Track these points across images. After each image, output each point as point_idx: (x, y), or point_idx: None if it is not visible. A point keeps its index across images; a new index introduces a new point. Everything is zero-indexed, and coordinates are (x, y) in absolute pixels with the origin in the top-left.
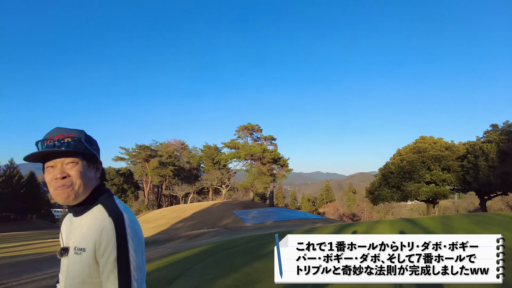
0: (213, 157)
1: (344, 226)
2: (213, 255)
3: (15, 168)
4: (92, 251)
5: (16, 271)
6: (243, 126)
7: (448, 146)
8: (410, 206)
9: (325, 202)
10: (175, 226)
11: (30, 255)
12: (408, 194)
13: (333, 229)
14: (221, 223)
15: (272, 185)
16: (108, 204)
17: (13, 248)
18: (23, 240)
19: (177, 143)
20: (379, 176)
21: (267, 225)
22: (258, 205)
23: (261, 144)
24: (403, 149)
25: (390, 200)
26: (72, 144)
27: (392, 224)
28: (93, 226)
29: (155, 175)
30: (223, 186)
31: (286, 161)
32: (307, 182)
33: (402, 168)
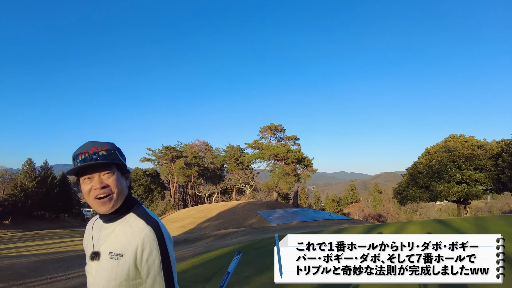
0: (236, 158)
1: (373, 226)
2: (245, 254)
3: (49, 169)
4: (132, 257)
5: (62, 266)
6: (266, 127)
7: (480, 144)
8: (439, 207)
9: (350, 202)
10: (202, 226)
11: (71, 251)
12: (438, 194)
13: (362, 229)
14: (246, 223)
15: (296, 185)
16: (140, 212)
17: (51, 245)
18: (59, 238)
19: (201, 144)
20: (407, 176)
21: (293, 225)
22: (283, 205)
23: (284, 144)
24: (431, 148)
25: (419, 200)
26: (108, 156)
27: (422, 225)
28: (132, 234)
29: (181, 175)
30: (247, 186)
31: (311, 161)
32: (331, 182)
33: (431, 168)
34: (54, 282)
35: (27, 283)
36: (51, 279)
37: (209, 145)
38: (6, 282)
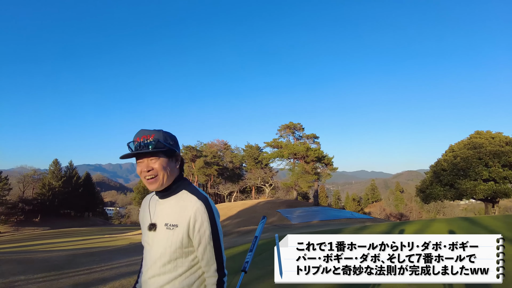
0: (255, 157)
1: (397, 224)
2: (269, 250)
3: (74, 169)
4: (185, 227)
5: (94, 259)
6: (285, 125)
7: (509, 141)
8: (464, 206)
9: (370, 201)
10: (223, 223)
11: (100, 247)
12: (463, 192)
13: (385, 227)
14: (267, 221)
15: (316, 184)
16: (192, 190)
17: (80, 241)
18: (86, 235)
19: (220, 144)
20: (430, 174)
21: (314, 223)
22: (302, 204)
23: (304, 142)
24: (456, 145)
25: (443, 198)
26: (153, 143)
27: (448, 222)
28: (185, 207)
29: (201, 174)
30: (266, 185)
31: (331, 159)
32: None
33: (455, 165)
34: (91, 273)
35: (66, 273)
36: (87, 271)
37: (228, 145)
38: (47, 272)
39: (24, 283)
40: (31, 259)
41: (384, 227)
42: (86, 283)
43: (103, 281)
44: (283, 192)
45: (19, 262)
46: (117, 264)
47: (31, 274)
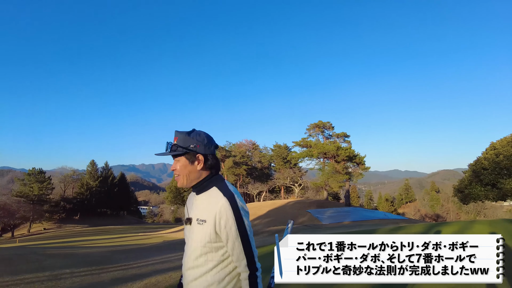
0: (283, 156)
1: (433, 225)
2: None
3: (109, 169)
4: (212, 223)
5: (130, 256)
6: (314, 124)
7: None
8: (508, 208)
9: (404, 202)
10: (253, 223)
11: (135, 245)
12: (507, 192)
13: (421, 228)
14: (297, 221)
15: (347, 184)
16: (221, 187)
17: (116, 239)
18: (121, 233)
19: (248, 144)
20: (469, 173)
21: (346, 224)
22: (333, 204)
23: (334, 141)
24: (498, 143)
25: (484, 199)
26: (174, 147)
27: (491, 224)
28: (212, 203)
29: (230, 174)
30: (296, 185)
31: (363, 158)
32: (384, 181)
33: (498, 164)
34: (128, 269)
35: (105, 268)
36: (124, 266)
37: (256, 145)
38: (89, 267)
39: (69, 276)
40: (74, 254)
41: (420, 228)
42: (124, 278)
43: (140, 276)
44: (313, 192)
45: (63, 256)
46: (152, 261)
47: (74, 268)
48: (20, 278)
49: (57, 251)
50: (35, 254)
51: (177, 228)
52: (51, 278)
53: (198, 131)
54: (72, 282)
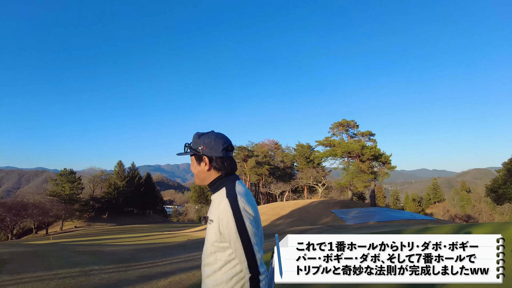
0: (306, 156)
1: (464, 226)
2: None
3: (136, 170)
4: (216, 223)
5: (156, 254)
6: (338, 123)
7: None
8: None
9: (432, 202)
10: (275, 223)
11: (161, 243)
12: None
13: (450, 229)
14: (320, 221)
15: (373, 183)
16: (229, 187)
17: (142, 237)
18: (147, 232)
19: (271, 143)
20: (504, 172)
21: (371, 225)
22: (358, 204)
23: (358, 140)
24: None
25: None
26: (186, 148)
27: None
28: (217, 204)
29: (253, 174)
30: (319, 185)
31: (388, 157)
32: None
33: None
34: (153, 267)
35: (131, 265)
36: (150, 264)
37: (279, 144)
38: (116, 264)
39: (98, 272)
40: (102, 252)
41: (450, 229)
42: (149, 276)
43: (165, 274)
44: (337, 192)
45: (92, 253)
46: (177, 259)
47: (103, 265)
48: (54, 273)
49: (87, 248)
50: (67, 250)
51: (201, 227)
52: (81, 274)
53: (209, 133)
54: (100, 279)
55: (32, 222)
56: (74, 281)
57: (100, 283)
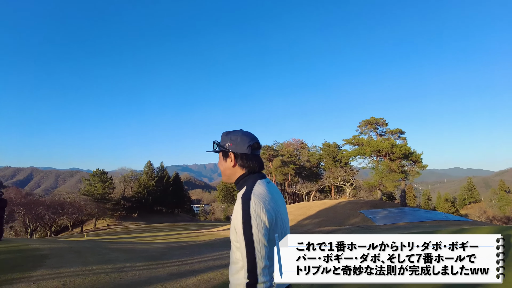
0: (333, 155)
1: (504, 229)
2: None
3: (164, 169)
4: (233, 222)
5: (185, 253)
6: (366, 121)
7: None
8: None
9: (467, 202)
10: (302, 223)
11: (189, 241)
12: None
13: (488, 231)
14: (348, 222)
15: (403, 183)
16: (247, 187)
17: (171, 235)
18: (176, 230)
19: (296, 143)
20: None
21: (402, 225)
22: (387, 204)
23: (388, 138)
24: None
25: None
26: (215, 146)
27: None
28: (235, 204)
29: (278, 173)
30: (347, 185)
31: (419, 156)
32: (443, 179)
33: None
34: (182, 265)
35: (161, 263)
36: (179, 262)
37: (304, 143)
38: (146, 261)
39: (129, 269)
40: (133, 250)
41: (487, 231)
42: (179, 274)
43: (194, 272)
44: (366, 192)
45: (124, 251)
46: (205, 258)
47: (134, 262)
48: (89, 269)
49: (119, 246)
50: (100, 248)
51: (228, 226)
52: (114, 270)
53: (237, 131)
54: (132, 276)
55: (68, 219)
56: (107, 277)
57: (132, 279)
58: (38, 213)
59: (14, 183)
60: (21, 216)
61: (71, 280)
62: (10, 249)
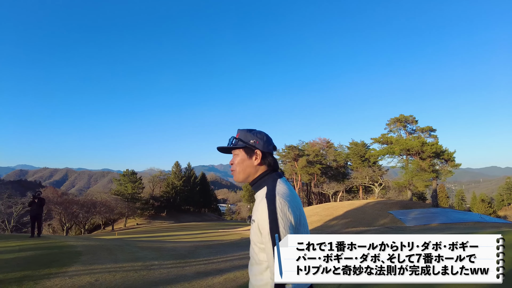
0: (361, 154)
1: None
2: None
3: (191, 170)
4: (257, 223)
5: (212, 252)
6: (395, 119)
7: None
8: None
9: (506, 203)
10: (329, 223)
11: (216, 241)
12: None
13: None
14: (377, 222)
15: (435, 182)
16: (270, 186)
17: (199, 234)
18: (203, 229)
19: (322, 142)
20: None
21: (434, 226)
22: (418, 205)
23: (418, 136)
24: None
25: None
26: (234, 142)
27: None
28: (258, 204)
29: (304, 173)
30: (376, 185)
31: (452, 154)
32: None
33: None
34: (209, 264)
35: (189, 262)
36: (206, 261)
37: (331, 143)
38: (174, 260)
39: (158, 267)
40: (162, 248)
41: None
42: (205, 272)
43: (220, 271)
44: (395, 192)
45: (153, 249)
46: (231, 257)
47: (162, 260)
48: (119, 266)
49: (148, 244)
50: (130, 246)
51: None
52: (143, 268)
53: (259, 130)
54: (160, 273)
55: (100, 218)
56: (136, 275)
57: (160, 277)
58: (73, 212)
59: (51, 183)
60: (58, 214)
61: (103, 276)
62: (49, 245)
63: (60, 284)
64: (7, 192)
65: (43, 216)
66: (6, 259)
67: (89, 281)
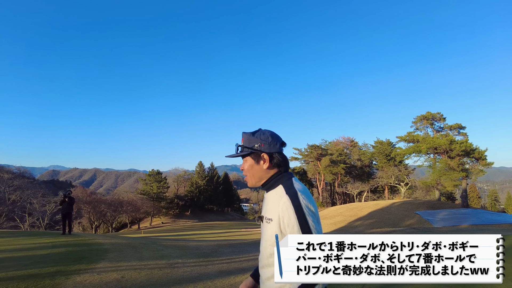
0: (387, 153)
1: None
2: None
3: (214, 169)
4: (277, 222)
5: (234, 251)
6: (422, 116)
7: None
8: None
9: None
10: (353, 224)
11: (239, 240)
12: None
13: None
14: (403, 223)
15: (464, 182)
16: (287, 184)
17: (222, 233)
18: (226, 228)
19: (346, 141)
20: None
21: (463, 228)
22: (447, 205)
23: (446, 134)
24: None
25: None
26: (240, 148)
27: None
28: (276, 201)
29: (327, 173)
30: (402, 184)
31: (483, 153)
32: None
33: None
34: (231, 263)
35: (212, 260)
36: (228, 260)
37: (355, 141)
38: (198, 258)
39: (181, 265)
40: (186, 246)
41: None
42: (228, 271)
43: (242, 270)
44: (422, 192)
45: (177, 248)
46: (253, 256)
47: (186, 259)
48: (144, 264)
49: (172, 243)
50: (155, 244)
51: None
52: (167, 266)
53: (263, 130)
54: (183, 271)
55: (126, 217)
56: (161, 272)
57: (183, 275)
58: (101, 211)
59: (80, 183)
60: (87, 213)
61: (129, 273)
62: (78, 243)
63: (89, 280)
64: (41, 192)
65: (73, 214)
66: (41, 254)
67: (116, 278)
